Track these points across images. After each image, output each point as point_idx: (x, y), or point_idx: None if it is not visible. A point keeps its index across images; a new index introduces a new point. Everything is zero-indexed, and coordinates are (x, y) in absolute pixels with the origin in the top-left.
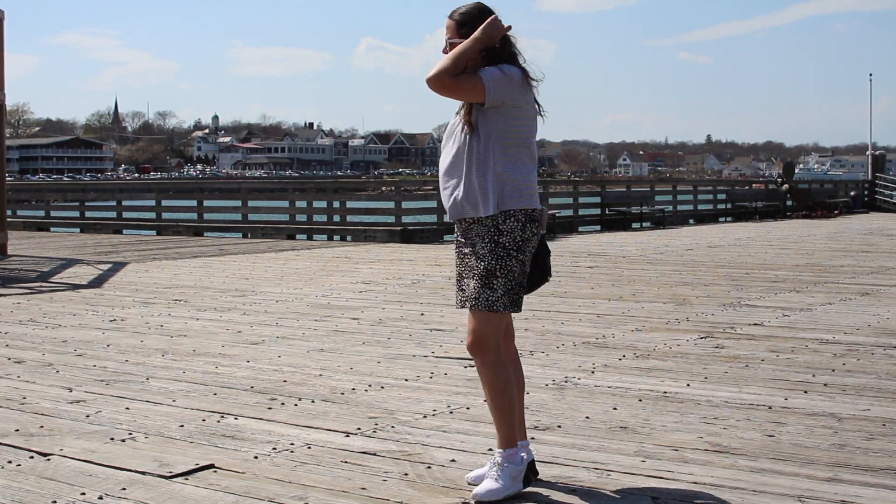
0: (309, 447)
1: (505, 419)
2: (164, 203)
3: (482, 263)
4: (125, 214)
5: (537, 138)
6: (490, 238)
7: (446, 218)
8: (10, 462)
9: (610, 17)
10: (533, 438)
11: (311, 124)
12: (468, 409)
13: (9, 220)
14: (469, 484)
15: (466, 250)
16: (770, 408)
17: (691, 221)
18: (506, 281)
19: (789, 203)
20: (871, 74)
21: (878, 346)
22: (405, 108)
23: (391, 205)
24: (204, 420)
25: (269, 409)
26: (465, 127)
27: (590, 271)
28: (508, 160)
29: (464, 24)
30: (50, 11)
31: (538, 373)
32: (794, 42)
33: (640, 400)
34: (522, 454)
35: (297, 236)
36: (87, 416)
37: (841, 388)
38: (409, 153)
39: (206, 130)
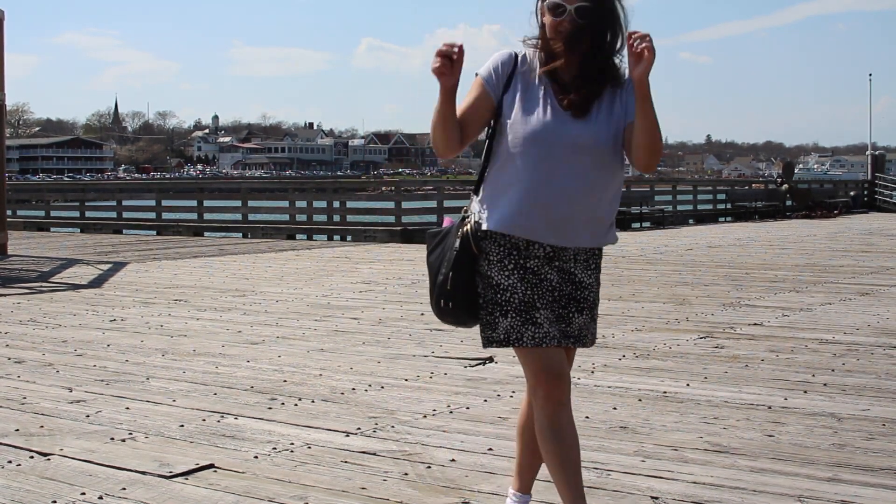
0: (309, 447)
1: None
2: (164, 203)
3: (591, 294)
4: (125, 214)
5: None
6: (596, 265)
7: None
8: (10, 462)
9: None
10: None
11: (311, 124)
12: (468, 408)
13: (9, 220)
14: None
15: (552, 276)
16: (770, 408)
17: (691, 221)
18: None
19: (789, 203)
20: (870, 74)
21: (878, 346)
22: (405, 108)
23: (391, 205)
24: (204, 420)
25: (269, 409)
26: (613, 142)
27: None
28: None
29: None
30: (50, 11)
31: None
32: (794, 42)
33: (640, 400)
34: None
35: (297, 236)
36: (87, 416)
37: (841, 388)
38: (408, 153)
39: (206, 130)
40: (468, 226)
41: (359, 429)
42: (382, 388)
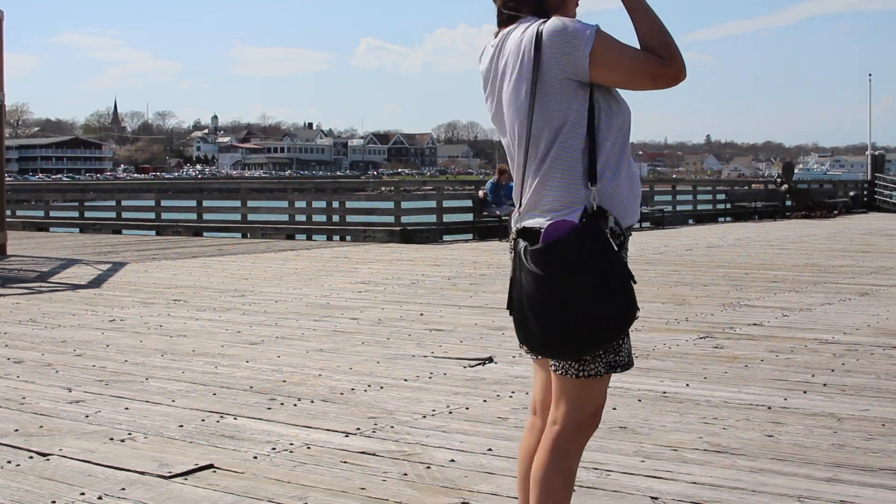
0: (308, 447)
1: None
2: (164, 203)
3: None
4: (124, 215)
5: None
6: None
7: (437, 217)
8: (9, 462)
9: (611, 16)
10: None
11: (311, 124)
12: (467, 409)
13: (8, 220)
14: None
15: None
16: (769, 408)
17: (691, 221)
18: None
19: (789, 203)
20: (870, 75)
21: (878, 346)
22: (405, 108)
23: (390, 205)
24: (203, 420)
25: (269, 409)
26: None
27: None
28: None
29: None
30: (50, 11)
31: None
32: (795, 42)
33: (640, 400)
34: None
35: (297, 236)
36: (87, 416)
37: (840, 389)
38: (408, 153)
39: (206, 130)
40: (610, 222)
41: (358, 429)
42: (382, 388)
